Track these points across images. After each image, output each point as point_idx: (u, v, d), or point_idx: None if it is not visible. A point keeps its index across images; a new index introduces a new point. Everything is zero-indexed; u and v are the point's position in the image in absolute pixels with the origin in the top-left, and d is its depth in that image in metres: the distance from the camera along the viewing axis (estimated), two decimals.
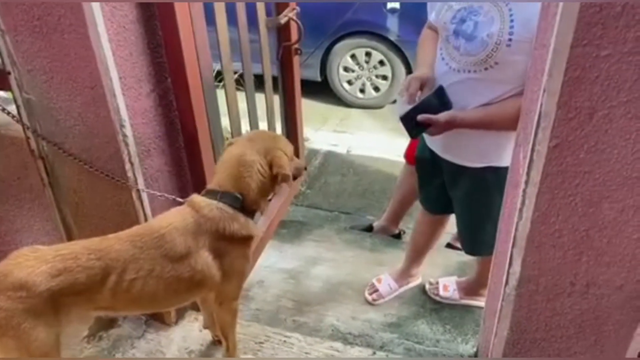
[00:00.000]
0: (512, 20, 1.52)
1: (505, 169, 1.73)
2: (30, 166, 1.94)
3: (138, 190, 1.82)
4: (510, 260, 1.37)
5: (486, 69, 1.61)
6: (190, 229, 1.57)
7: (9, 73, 1.72)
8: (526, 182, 1.21)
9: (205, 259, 1.58)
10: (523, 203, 1.24)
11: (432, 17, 1.85)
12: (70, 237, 2.04)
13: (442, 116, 1.65)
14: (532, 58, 1.34)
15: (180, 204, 1.71)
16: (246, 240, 1.69)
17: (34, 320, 1.39)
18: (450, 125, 1.66)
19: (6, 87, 1.78)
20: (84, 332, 2.09)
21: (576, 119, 1.06)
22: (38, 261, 1.41)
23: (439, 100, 1.69)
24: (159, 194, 1.86)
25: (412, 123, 1.69)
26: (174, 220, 1.59)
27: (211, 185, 1.68)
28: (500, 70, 1.59)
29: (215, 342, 2.09)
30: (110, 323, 2.12)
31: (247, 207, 1.66)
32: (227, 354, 1.94)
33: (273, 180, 1.67)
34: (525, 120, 1.32)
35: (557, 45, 0.99)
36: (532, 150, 1.15)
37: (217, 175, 1.68)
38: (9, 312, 1.37)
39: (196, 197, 1.65)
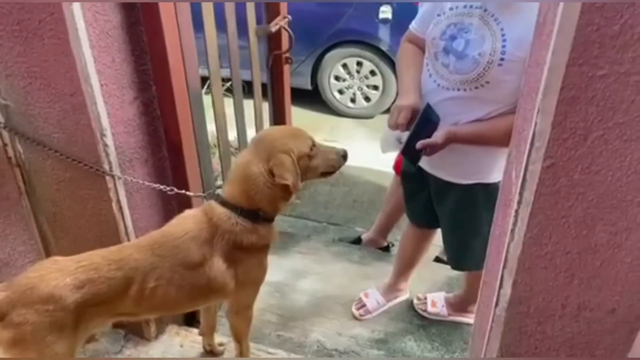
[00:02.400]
0: (504, 40, 1.49)
1: (495, 185, 1.70)
2: (7, 174, 1.87)
3: (119, 201, 1.76)
4: (500, 281, 1.33)
5: (477, 87, 1.58)
6: (206, 237, 1.55)
7: None
8: (519, 203, 1.17)
9: (219, 267, 1.57)
10: (515, 224, 1.21)
11: (414, 25, 1.79)
12: (46, 247, 1.98)
13: (440, 137, 1.60)
14: (525, 76, 1.31)
15: (167, 198, 1.62)
16: (264, 248, 1.66)
17: (58, 333, 1.38)
18: (447, 143, 1.62)
19: None
20: None
21: (571, 139, 1.02)
22: (61, 273, 1.40)
23: (428, 119, 1.64)
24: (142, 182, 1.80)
25: (412, 153, 1.64)
26: (189, 228, 1.56)
27: (226, 194, 1.60)
28: (491, 89, 1.56)
29: (207, 352, 2.04)
30: (88, 338, 2.05)
31: (267, 217, 1.61)
32: (241, 357, 1.91)
33: (285, 188, 1.55)
34: (518, 138, 1.28)
35: (553, 64, 0.96)
36: (525, 169, 1.11)
37: (230, 187, 1.60)
38: (36, 325, 1.35)
39: (216, 207, 1.58)
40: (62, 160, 1.71)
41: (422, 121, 1.63)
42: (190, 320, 2.23)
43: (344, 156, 1.70)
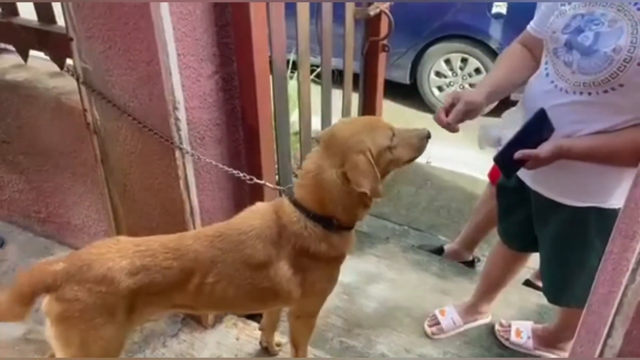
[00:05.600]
0: None
1: (612, 211, 1.41)
2: (85, 140, 1.86)
3: (186, 179, 1.67)
4: (609, 329, 1.09)
5: (606, 91, 1.29)
6: (273, 237, 1.42)
7: (71, 39, 1.63)
8: None
9: (284, 272, 1.43)
10: (639, 263, 0.96)
11: (532, 25, 1.55)
12: (117, 218, 1.95)
13: (545, 151, 1.33)
14: None
15: (239, 183, 1.50)
16: (336, 259, 1.50)
17: (107, 316, 1.34)
18: (556, 159, 1.35)
19: (69, 54, 1.70)
20: None
21: None
22: (119, 255, 1.35)
23: (539, 127, 1.37)
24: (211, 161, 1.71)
25: (508, 161, 1.38)
26: (256, 224, 1.43)
27: (297, 195, 1.44)
28: (625, 94, 1.27)
29: (263, 349, 1.94)
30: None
31: (342, 225, 1.44)
32: None
33: (363, 194, 1.36)
34: None
35: None
36: None
37: (301, 190, 1.43)
38: (86, 305, 1.31)
39: (287, 207, 1.43)
40: (134, 131, 1.65)
41: (530, 127, 1.37)
42: (252, 313, 2.13)
43: (427, 137, 1.46)
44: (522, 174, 1.56)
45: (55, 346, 1.33)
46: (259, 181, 1.71)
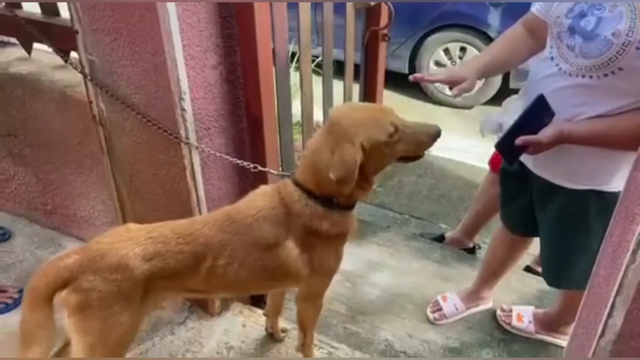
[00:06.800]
0: None
1: (612, 194, 1.44)
2: (91, 132, 1.88)
3: (192, 170, 1.69)
4: (610, 309, 1.11)
5: (606, 75, 1.32)
6: (279, 218, 1.45)
7: (77, 32, 1.65)
8: None
9: (290, 251, 1.46)
10: (639, 244, 0.98)
11: (536, 6, 1.55)
12: (123, 209, 1.97)
13: (546, 136, 1.36)
14: None
15: (244, 172, 1.54)
16: (339, 236, 1.52)
17: (124, 303, 1.35)
18: (557, 143, 1.38)
19: (73, 46, 1.71)
20: None
21: None
22: (131, 243, 1.37)
23: (539, 112, 1.40)
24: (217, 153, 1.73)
25: (510, 148, 1.40)
26: (263, 206, 1.46)
27: (298, 175, 1.46)
28: (624, 77, 1.29)
29: (269, 335, 1.97)
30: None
31: (342, 204, 1.46)
32: (303, 349, 1.83)
33: (361, 175, 1.36)
34: None
35: None
36: None
37: (301, 170, 1.46)
38: (103, 293, 1.33)
39: (289, 187, 1.46)
40: (140, 122, 1.66)
41: (530, 113, 1.39)
42: (257, 300, 2.16)
43: (437, 135, 1.45)
44: (524, 157, 1.59)
45: (75, 335, 1.34)
46: (262, 168, 1.73)
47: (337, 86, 2.55)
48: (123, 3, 1.48)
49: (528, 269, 2.53)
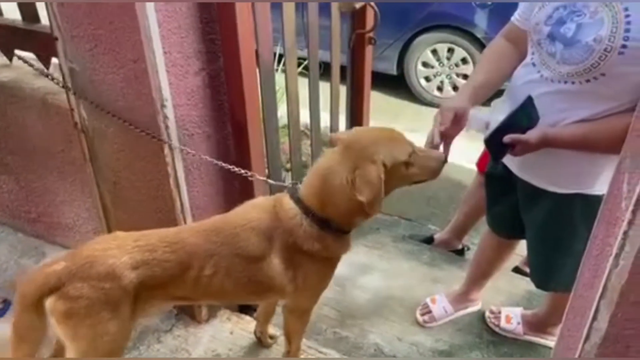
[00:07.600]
0: (628, 22, 1.22)
1: (597, 197, 1.44)
2: (73, 139, 1.86)
3: (176, 177, 1.68)
4: (595, 313, 1.11)
5: (588, 80, 1.31)
6: (269, 232, 1.42)
7: (56, 39, 1.62)
8: (630, 223, 0.94)
9: (275, 266, 1.44)
10: (622, 248, 0.98)
11: (516, 16, 1.55)
12: (107, 216, 1.95)
13: (534, 136, 1.36)
14: None
15: (229, 178, 1.52)
16: (328, 260, 1.50)
17: (112, 311, 1.35)
18: (541, 146, 1.38)
19: (54, 53, 1.69)
20: None
21: None
22: (119, 251, 1.36)
23: (527, 114, 1.40)
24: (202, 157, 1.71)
25: (497, 145, 1.40)
26: (252, 218, 1.44)
27: (301, 192, 1.43)
28: (607, 83, 1.29)
29: (257, 339, 1.96)
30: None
31: (339, 228, 1.44)
32: (288, 356, 1.81)
33: (361, 203, 1.33)
34: (636, 144, 1.04)
35: None
36: None
37: (307, 187, 1.43)
38: (91, 301, 1.32)
39: (286, 203, 1.44)
40: (123, 129, 1.64)
41: (518, 113, 1.39)
42: (245, 307, 2.14)
43: (444, 162, 1.46)
44: (509, 162, 1.59)
45: (66, 342, 1.35)
46: (260, 177, 1.70)
47: (324, 88, 2.54)
48: (102, 9, 1.46)
49: (517, 269, 2.53)
